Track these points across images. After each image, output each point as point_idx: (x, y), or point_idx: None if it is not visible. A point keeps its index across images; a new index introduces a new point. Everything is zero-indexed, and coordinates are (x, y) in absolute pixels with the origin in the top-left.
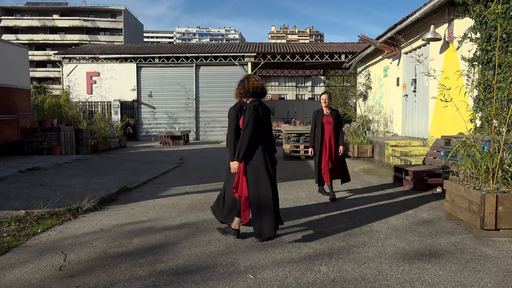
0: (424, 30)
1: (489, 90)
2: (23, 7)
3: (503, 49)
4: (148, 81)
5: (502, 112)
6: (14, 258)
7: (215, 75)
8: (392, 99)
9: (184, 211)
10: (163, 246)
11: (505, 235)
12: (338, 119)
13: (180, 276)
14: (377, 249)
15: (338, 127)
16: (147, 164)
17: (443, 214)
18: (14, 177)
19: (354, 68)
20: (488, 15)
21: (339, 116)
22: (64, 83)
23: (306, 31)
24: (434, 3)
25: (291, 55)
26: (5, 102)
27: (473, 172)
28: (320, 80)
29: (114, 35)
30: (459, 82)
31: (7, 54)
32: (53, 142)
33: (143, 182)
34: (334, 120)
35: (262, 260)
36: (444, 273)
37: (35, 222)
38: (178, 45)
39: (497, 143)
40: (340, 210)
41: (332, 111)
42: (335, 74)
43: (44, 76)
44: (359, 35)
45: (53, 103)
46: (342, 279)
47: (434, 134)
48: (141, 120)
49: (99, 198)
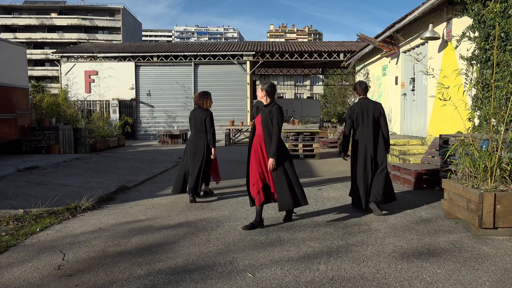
0: (423, 29)
1: (487, 89)
2: (21, 5)
3: (501, 48)
4: (147, 80)
5: (500, 111)
6: (13, 257)
7: (213, 74)
8: (390, 98)
9: (182, 210)
10: (161, 245)
11: (503, 234)
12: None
13: (179, 275)
14: (376, 247)
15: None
16: (145, 163)
17: (441, 213)
18: (12, 176)
19: (352, 67)
20: (487, 14)
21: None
22: (62, 82)
23: (305, 30)
24: (432, 2)
25: (289, 54)
26: (3, 101)
27: (471, 170)
28: (319, 79)
29: (113, 33)
30: (457, 81)
31: (5, 53)
32: (51, 141)
33: (141, 181)
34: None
35: (261, 259)
36: (443, 271)
37: (33, 221)
38: (176, 44)
39: (495, 142)
40: (338, 209)
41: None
42: (333, 73)
43: (42, 75)
44: (358, 34)
45: (51, 102)
46: (340, 277)
47: (433, 133)
48: (139, 119)
49: (98, 197)
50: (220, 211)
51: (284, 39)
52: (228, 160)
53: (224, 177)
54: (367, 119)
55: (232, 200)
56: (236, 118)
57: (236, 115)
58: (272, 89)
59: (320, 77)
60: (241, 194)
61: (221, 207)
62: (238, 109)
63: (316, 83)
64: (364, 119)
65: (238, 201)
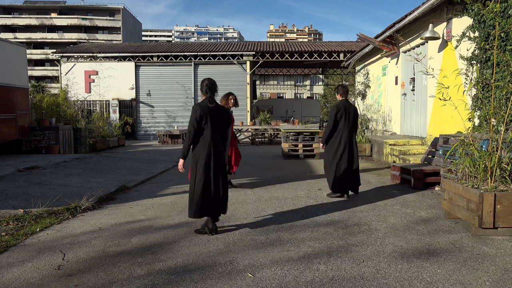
0: (423, 29)
1: (487, 88)
2: (21, 5)
3: (501, 48)
4: (147, 80)
5: (500, 111)
6: (13, 257)
7: (213, 73)
8: (390, 98)
9: (182, 210)
10: (161, 245)
11: (503, 234)
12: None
13: (179, 275)
14: (376, 247)
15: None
16: (145, 163)
17: (441, 213)
18: (12, 176)
19: (352, 66)
20: (487, 14)
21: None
22: (63, 82)
23: (305, 30)
24: (432, 2)
25: (289, 54)
26: (3, 101)
27: (471, 170)
28: (319, 78)
29: (113, 33)
30: (457, 80)
31: (5, 53)
32: (51, 141)
33: (141, 181)
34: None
35: (260, 259)
36: (443, 271)
37: (33, 221)
38: (176, 44)
39: (495, 141)
40: (338, 209)
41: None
42: (333, 73)
43: (42, 75)
44: (358, 34)
45: (51, 102)
46: (340, 277)
47: (433, 133)
48: (139, 119)
49: (98, 197)
50: None
51: (284, 39)
52: None
53: None
54: (348, 118)
55: (232, 200)
56: (236, 118)
57: (236, 115)
58: (201, 85)
59: (320, 77)
60: (241, 194)
61: None
62: (238, 109)
63: (316, 83)
64: (346, 118)
65: (238, 201)
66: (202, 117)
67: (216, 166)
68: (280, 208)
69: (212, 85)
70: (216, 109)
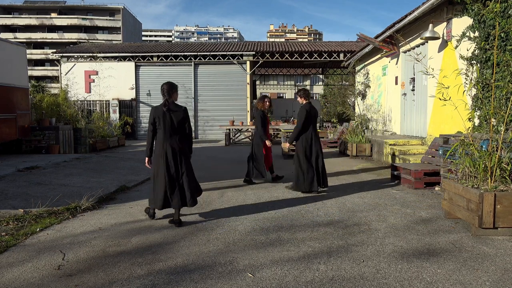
0: (423, 29)
1: (487, 88)
2: (21, 5)
3: (501, 48)
4: (147, 80)
5: (500, 111)
6: (13, 257)
7: (213, 73)
8: (390, 98)
9: (182, 210)
10: (161, 245)
11: (503, 234)
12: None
13: (179, 275)
14: (376, 247)
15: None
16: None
17: (441, 213)
18: (12, 176)
19: (352, 66)
20: (487, 14)
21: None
22: (62, 81)
23: (305, 30)
24: (432, 2)
25: (289, 53)
26: (3, 101)
27: (471, 170)
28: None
29: (113, 33)
30: (457, 80)
31: (5, 53)
32: (51, 141)
33: (141, 181)
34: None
35: (260, 259)
36: (443, 271)
37: (33, 221)
38: (176, 44)
39: (495, 141)
40: (338, 209)
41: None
42: (333, 73)
43: (42, 75)
44: (358, 34)
45: (51, 102)
46: (340, 277)
47: (433, 133)
48: (139, 119)
49: (98, 197)
50: (220, 211)
51: (284, 39)
52: (228, 160)
53: (224, 177)
54: (314, 118)
55: (232, 200)
56: (236, 118)
57: (236, 115)
58: (160, 89)
59: (320, 77)
60: (241, 194)
61: (221, 207)
62: (238, 109)
63: (316, 83)
64: (312, 118)
65: (238, 201)
66: (155, 119)
67: (172, 162)
68: (280, 208)
69: (169, 88)
70: (170, 110)
